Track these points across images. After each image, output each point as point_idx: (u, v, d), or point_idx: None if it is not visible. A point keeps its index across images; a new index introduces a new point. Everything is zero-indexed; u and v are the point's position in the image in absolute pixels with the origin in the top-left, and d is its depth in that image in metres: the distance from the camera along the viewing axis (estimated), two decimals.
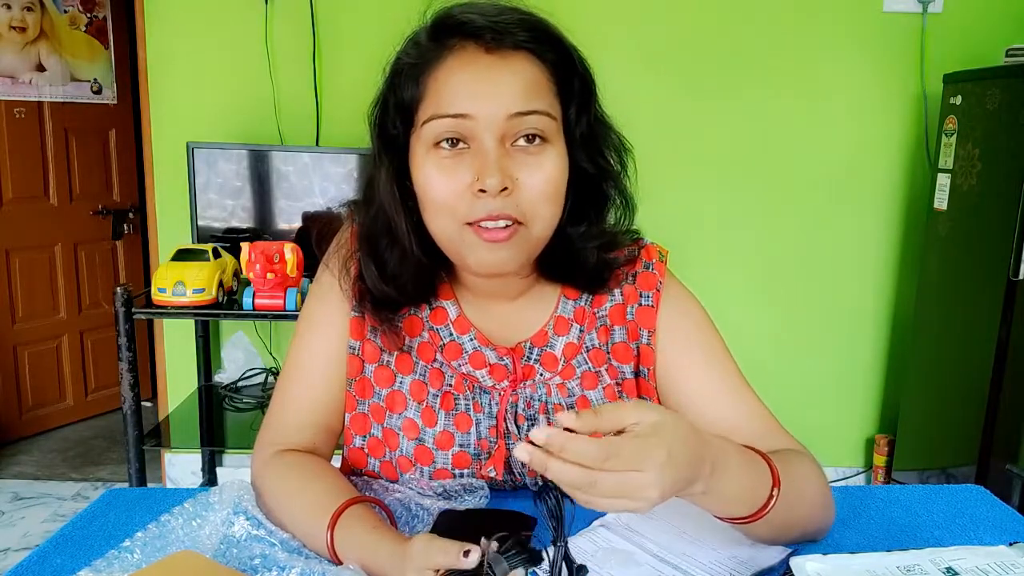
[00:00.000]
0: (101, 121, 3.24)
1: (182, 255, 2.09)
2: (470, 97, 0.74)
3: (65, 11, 3.07)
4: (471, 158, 0.75)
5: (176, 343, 2.59)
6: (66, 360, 3.22)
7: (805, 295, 2.61)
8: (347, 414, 0.89)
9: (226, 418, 2.43)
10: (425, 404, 0.86)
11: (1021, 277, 1.98)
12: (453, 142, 0.75)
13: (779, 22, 2.44)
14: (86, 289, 3.26)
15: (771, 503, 0.68)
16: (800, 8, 2.43)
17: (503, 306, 0.88)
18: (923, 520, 0.85)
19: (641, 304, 0.88)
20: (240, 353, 2.60)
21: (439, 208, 0.76)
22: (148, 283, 2.12)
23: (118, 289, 1.96)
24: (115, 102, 3.27)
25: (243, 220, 2.33)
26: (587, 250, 0.84)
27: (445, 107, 0.74)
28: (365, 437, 0.89)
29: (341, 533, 0.72)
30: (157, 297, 2.01)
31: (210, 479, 2.61)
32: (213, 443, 2.34)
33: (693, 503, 0.67)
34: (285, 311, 2.02)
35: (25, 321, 3.06)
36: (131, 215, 3.34)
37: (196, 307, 2.02)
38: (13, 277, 3.01)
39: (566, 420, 0.56)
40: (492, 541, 0.60)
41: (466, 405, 0.86)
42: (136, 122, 3.05)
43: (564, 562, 0.59)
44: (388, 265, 0.83)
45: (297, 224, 2.34)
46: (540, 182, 0.76)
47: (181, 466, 2.66)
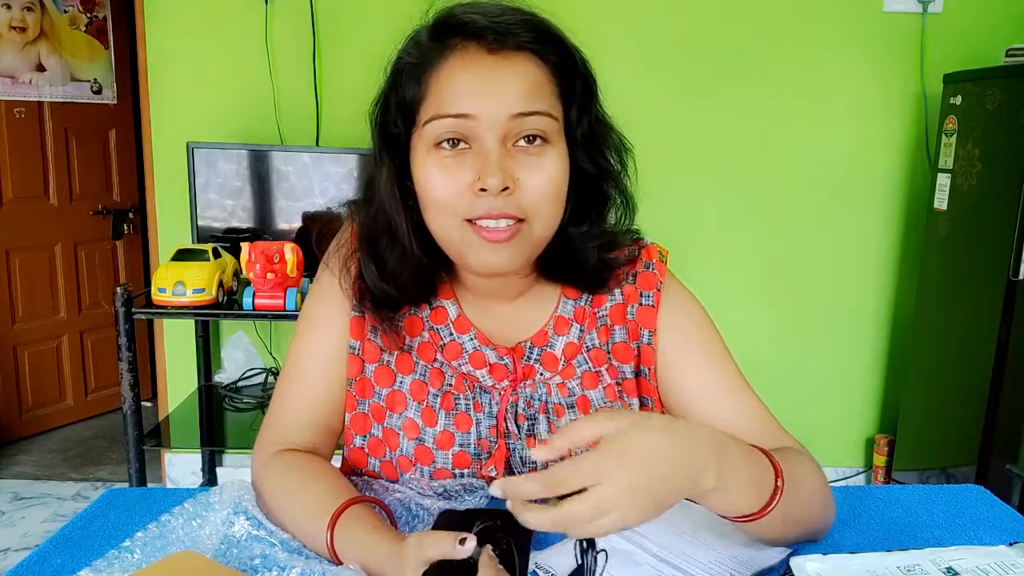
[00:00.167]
0: (101, 121, 3.24)
1: (182, 255, 2.09)
2: (472, 97, 0.74)
3: (65, 11, 3.07)
4: (472, 158, 0.75)
5: (176, 343, 2.60)
6: (66, 360, 3.22)
7: (805, 295, 2.61)
8: (347, 414, 0.89)
9: (226, 418, 2.43)
10: (425, 404, 0.86)
11: (1021, 277, 1.98)
12: (454, 142, 0.75)
13: (779, 22, 2.44)
14: (86, 289, 3.26)
15: (777, 497, 0.68)
16: (800, 8, 2.43)
17: (503, 306, 0.88)
18: (923, 520, 0.85)
19: (641, 304, 0.88)
20: (240, 353, 2.61)
21: (440, 207, 0.76)
22: (148, 283, 2.12)
23: (118, 289, 1.96)
24: (115, 102, 3.27)
25: (243, 220, 2.33)
26: (587, 250, 0.84)
27: (447, 107, 0.74)
28: (365, 437, 0.89)
29: (341, 533, 0.72)
30: (157, 297, 2.01)
31: (210, 479, 2.61)
32: (213, 443, 2.34)
33: (702, 503, 0.67)
34: (285, 311, 2.02)
35: (25, 321, 3.06)
36: (131, 215, 3.34)
37: (196, 307, 2.02)
38: (13, 277, 3.01)
39: (534, 455, 0.59)
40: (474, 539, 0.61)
41: (466, 405, 0.86)
42: (136, 122, 3.05)
43: None
44: (388, 264, 0.83)
45: (297, 224, 2.34)
46: (541, 182, 0.76)
47: (181, 466, 2.66)
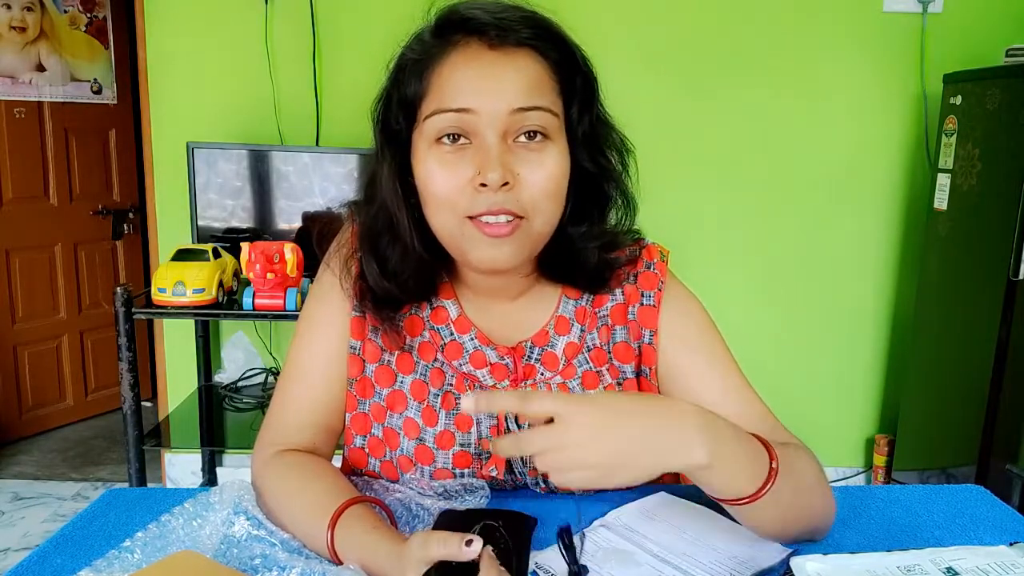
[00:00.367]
0: (101, 121, 3.24)
1: (182, 255, 2.09)
2: (473, 92, 0.74)
3: (65, 11, 3.07)
4: (473, 153, 0.75)
5: (176, 343, 2.60)
6: (66, 360, 3.22)
7: (805, 295, 2.61)
8: (348, 414, 0.89)
9: (226, 418, 2.43)
10: (426, 403, 0.86)
11: (1021, 277, 1.98)
12: (455, 137, 0.75)
13: (779, 22, 2.44)
14: (86, 289, 3.26)
15: (772, 479, 0.68)
16: (800, 8, 2.43)
17: (504, 305, 0.88)
18: (923, 520, 0.85)
19: (642, 304, 0.88)
20: (240, 353, 2.61)
21: (440, 203, 0.76)
22: (148, 283, 2.12)
23: (118, 289, 1.96)
24: (115, 102, 3.27)
25: (243, 220, 2.33)
26: (588, 250, 0.84)
27: (448, 102, 0.75)
28: (366, 437, 0.89)
29: (341, 533, 0.72)
30: (157, 297, 2.01)
31: (210, 479, 2.61)
32: (213, 443, 2.34)
33: (696, 482, 0.67)
34: (285, 311, 2.02)
35: (25, 321, 3.06)
36: (131, 215, 3.34)
37: (196, 307, 2.02)
38: (13, 277, 3.01)
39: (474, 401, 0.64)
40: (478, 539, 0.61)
41: None
42: (136, 122, 3.05)
43: None
44: (389, 262, 0.83)
45: (297, 224, 2.34)
46: (541, 178, 0.76)
47: (181, 466, 2.66)
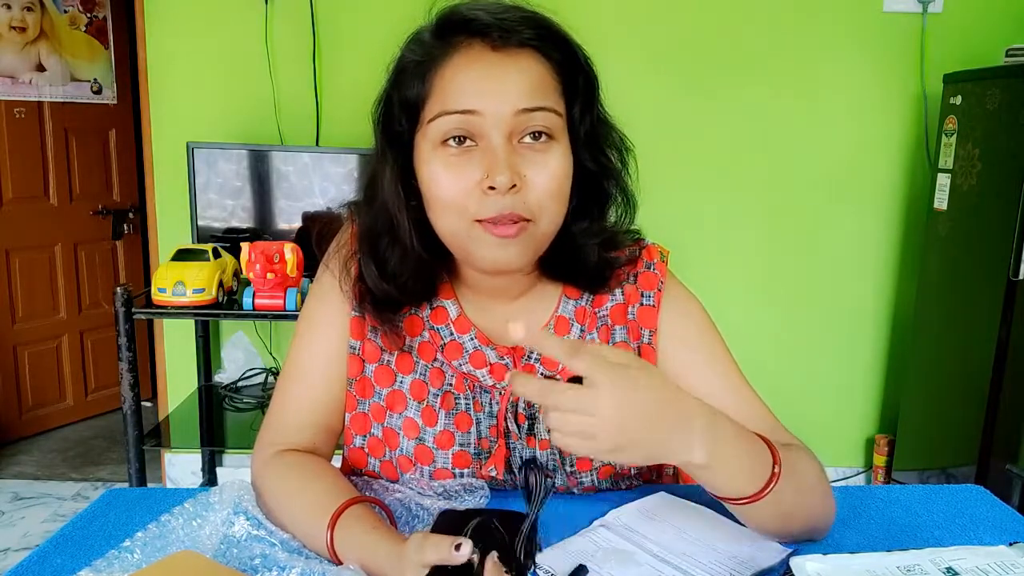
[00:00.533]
0: (101, 121, 3.24)
1: (182, 255, 2.09)
2: (477, 94, 0.74)
3: (65, 11, 3.07)
4: (479, 155, 0.75)
5: (176, 343, 2.60)
6: (66, 360, 3.22)
7: (805, 295, 2.61)
8: (347, 414, 0.89)
9: (226, 418, 2.43)
10: (425, 403, 0.86)
11: (1021, 277, 1.98)
12: (460, 140, 0.75)
13: (779, 22, 2.44)
14: (86, 289, 3.25)
15: (773, 482, 0.68)
16: (800, 8, 2.43)
17: (504, 305, 0.88)
18: (923, 520, 0.85)
19: (642, 304, 0.88)
20: (240, 353, 2.60)
21: (447, 206, 0.76)
22: (148, 283, 2.12)
23: (118, 289, 1.96)
24: (115, 102, 3.27)
25: (243, 220, 2.33)
26: (589, 248, 0.84)
27: (452, 104, 0.74)
28: (365, 437, 0.89)
29: (341, 533, 0.72)
30: (157, 297, 2.01)
31: (210, 479, 2.61)
32: (213, 443, 2.34)
33: (696, 479, 0.67)
34: (285, 311, 2.02)
35: (25, 321, 3.06)
36: (131, 215, 3.33)
37: (196, 307, 2.02)
38: (13, 277, 3.01)
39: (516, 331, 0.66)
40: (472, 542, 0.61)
41: (466, 404, 0.86)
42: (136, 122, 3.05)
43: (529, 536, 0.63)
44: (389, 263, 0.82)
45: (297, 224, 2.34)
46: (547, 179, 0.76)
47: (181, 466, 2.66)
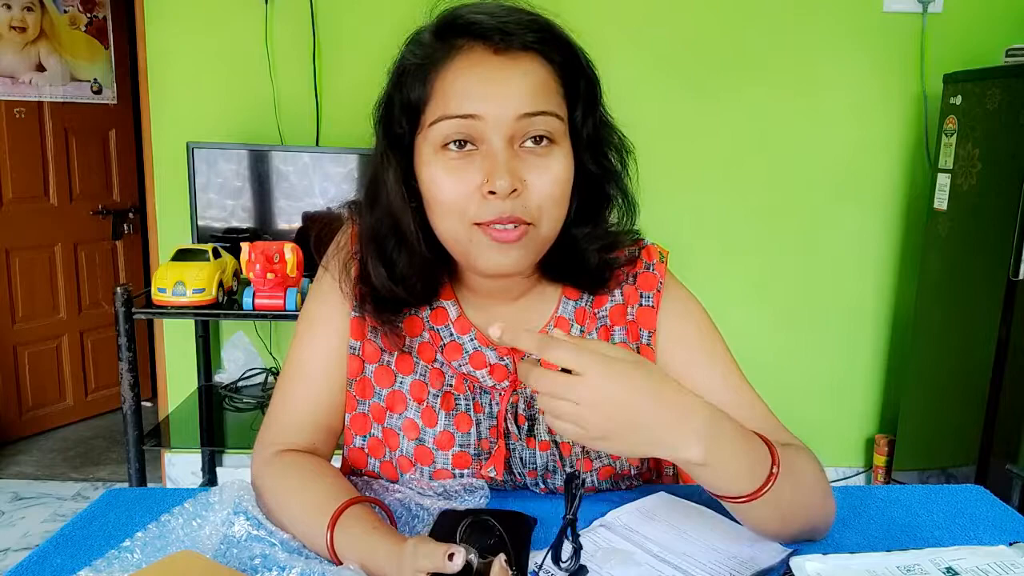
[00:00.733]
0: (101, 121, 3.24)
1: (182, 255, 2.09)
2: (479, 98, 0.74)
3: (65, 11, 3.07)
4: (480, 159, 0.75)
5: (176, 343, 2.60)
6: (66, 360, 3.22)
7: (805, 295, 2.61)
8: (347, 414, 0.89)
9: (226, 418, 2.43)
10: (425, 404, 0.86)
11: (1021, 277, 1.98)
12: (461, 143, 0.75)
13: (779, 22, 2.44)
14: (86, 289, 3.25)
15: (771, 481, 0.68)
16: (800, 8, 2.43)
17: (504, 306, 0.88)
18: (923, 520, 0.85)
19: (641, 304, 0.88)
20: (240, 353, 2.60)
21: (447, 209, 0.76)
22: (148, 283, 2.12)
23: (118, 289, 1.96)
24: (115, 102, 3.27)
25: (243, 220, 2.33)
26: (589, 251, 0.84)
27: (454, 108, 0.74)
28: (365, 437, 0.89)
29: (341, 533, 0.72)
30: (157, 297, 2.01)
31: (210, 479, 2.61)
32: (213, 443, 2.34)
33: (694, 478, 0.67)
34: (285, 311, 2.02)
35: (25, 321, 3.06)
36: (131, 215, 3.34)
37: (196, 307, 2.02)
38: (13, 277, 3.01)
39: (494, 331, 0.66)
40: (465, 548, 0.61)
41: (466, 405, 0.86)
42: (136, 122, 3.05)
43: (567, 536, 0.64)
44: (398, 266, 0.82)
45: (297, 224, 2.34)
46: (548, 183, 0.76)
47: (181, 466, 2.66)
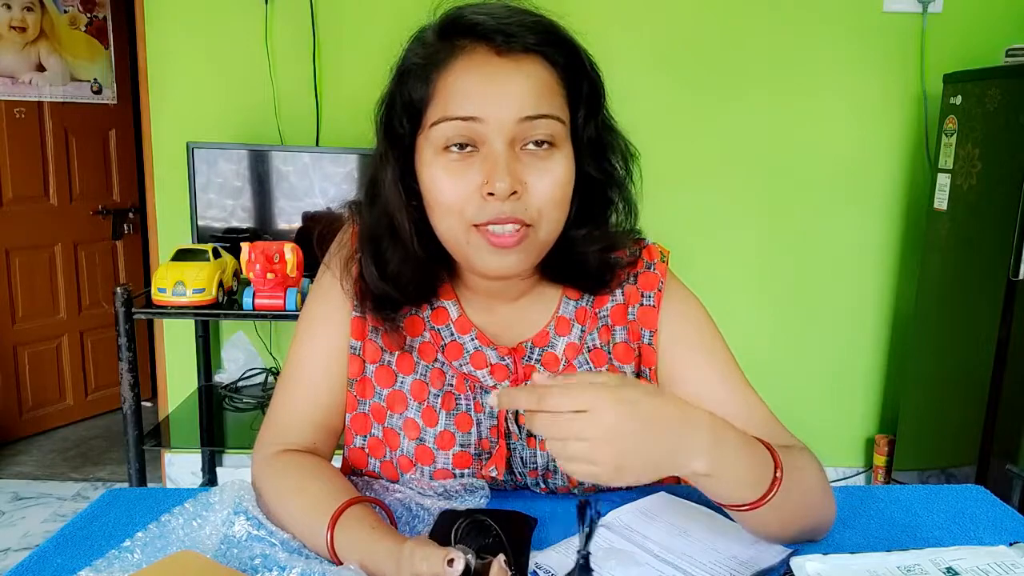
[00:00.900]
0: (101, 121, 3.24)
1: (182, 255, 2.09)
2: (480, 100, 0.73)
3: (65, 11, 3.07)
4: (480, 161, 0.74)
5: (176, 343, 2.60)
6: (66, 360, 3.22)
7: (805, 295, 2.61)
8: (348, 414, 0.89)
9: (226, 418, 2.43)
10: (426, 404, 0.86)
11: (1021, 277, 1.98)
12: (462, 145, 0.75)
13: (779, 22, 2.44)
14: (86, 289, 3.25)
15: (775, 488, 0.68)
16: (800, 8, 2.43)
17: (505, 306, 0.88)
18: (923, 520, 0.85)
19: (642, 304, 0.88)
20: (240, 353, 2.60)
21: (446, 210, 0.76)
22: (148, 283, 2.12)
23: (118, 289, 1.96)
24: (115, 102, 3.27)
25: (243, 220, 2.33)
26: (589, 252, 0.84)
27: (455, 109, 0.74)
28: (366, 437, 0.89)
29: (341, 533, 0.72)
30: (157, 297, 2.01)
31: (210, 479, 2.61)
32: (213, 443, 2.34)
33: (698, 488, 0.67)
34: (285, 311, 2.02)
35: (25, 321, 3.06)
36: (131, 215, 3.34)
37: (196, 307, 2.02)
38: (13, 277, 3.01)
39: (492, 399, 0.67)
40: (461, 550, 0.61)
41: (467, 405, 0.86)
42: (136, 122, 3.05)
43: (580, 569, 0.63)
44: (389, 265, 0.82)
45: (297, 224, 2.34)
46: (548, 186, 0.75)
47: (181, 466, 2.66)
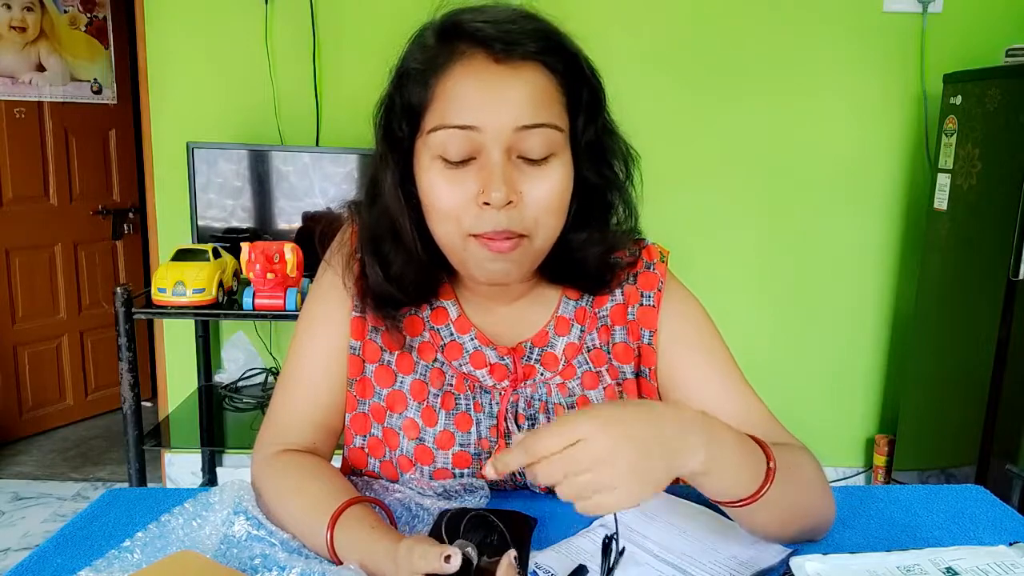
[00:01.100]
0: (101, 121, 3.24)
1: (182, 255, 2.09)
2: (478, 108, 0.73)
3: (65, 11, 3.07)
4: (477, 169, 0.74)
5: (176, 343, 2.60)
6: (66, 360, 3.22)
7: (805, 295, 2.61)
8: (347, 414, 0.89)
9: (226, 418, 2.43)
10: (426, 404, 0.86)
11: (1021, 277, 1.98)
12: (459, 162, 0.75)
13: (779, 22, 2.44)
14: (86, 289, 3.25)
15: (769, 480, 0.68)
16: (800, 8, 2.43)
17: (504, 306, 0.88)
18: (923, 520, 0.85)
19: (642, 304, 0.88)
20: (240, 353, 2.60)
21: (443, 217, 0.76)
22: (148, 283, 2.12)
23: (118, 289, 1.96)
24: (115, 102, 3.27)
25: (243, 220, 2.33)
26: (588, 255, 0.84)
27: (452, 117, 0.73)
28: (365, 437, 0.89)
29: (341, 533, 0.72)
30: (157, 297, 2.01)
31: (210, 479, 2.61)
32: (213, 443, 2.34)
33: (695, 485, 0.67)
34: (285, 311, 2.02)
35: (25, 321, 3.06)
36: (131, 215, 3.34)
37: (196, 307, 2.02)
38: (13, 277, 3.01)
39: (487, 472, 0.63)
40: (459, 546, 0.61)
41: (466, 405, 0.86)
42: (136, 122, 3.05)
43: None
44: (392, 266, 0.82)
45: (297, 224, 2.34)
46: (545, 194, 0.75)
47: (181, 466, 2.66)
